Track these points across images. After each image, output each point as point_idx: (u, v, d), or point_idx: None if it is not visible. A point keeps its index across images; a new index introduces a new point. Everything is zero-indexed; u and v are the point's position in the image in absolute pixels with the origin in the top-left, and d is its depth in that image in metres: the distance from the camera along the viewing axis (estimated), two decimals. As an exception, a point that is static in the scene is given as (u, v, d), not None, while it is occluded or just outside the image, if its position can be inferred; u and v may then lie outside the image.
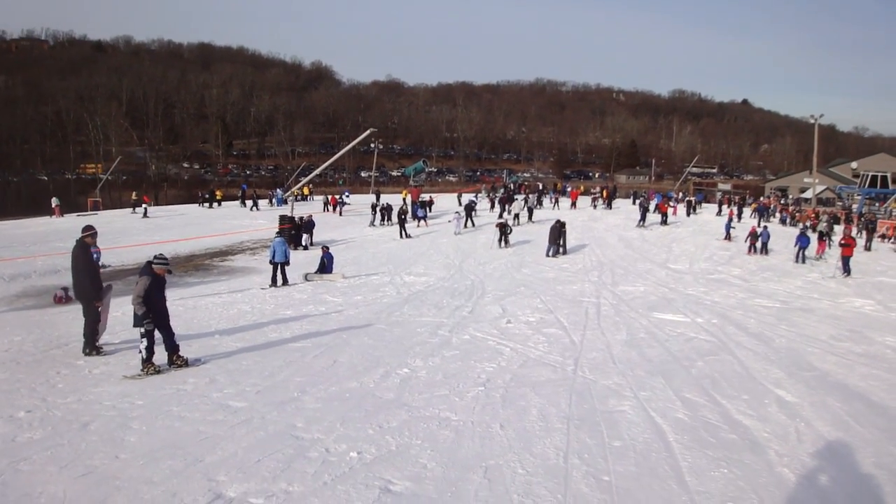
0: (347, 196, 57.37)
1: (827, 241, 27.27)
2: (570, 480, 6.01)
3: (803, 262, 26.08)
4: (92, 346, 10.68)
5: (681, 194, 60.26)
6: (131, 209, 50.47)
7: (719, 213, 45.70)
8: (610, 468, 6.28)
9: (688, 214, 44.81)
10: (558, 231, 26.35)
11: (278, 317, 14.22)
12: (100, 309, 10.88)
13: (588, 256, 25.99)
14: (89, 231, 11.15)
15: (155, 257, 9.91)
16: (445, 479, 5.98)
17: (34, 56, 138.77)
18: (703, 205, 53.10)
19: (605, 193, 52.43)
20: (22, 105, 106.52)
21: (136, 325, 9.44)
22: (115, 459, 6.31)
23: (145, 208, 48.41)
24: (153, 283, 9.53)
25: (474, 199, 46.85)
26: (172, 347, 9.82)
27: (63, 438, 6.84)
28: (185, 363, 9.81)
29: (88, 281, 10.78)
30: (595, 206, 49.63)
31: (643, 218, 37.69)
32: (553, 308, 15.42)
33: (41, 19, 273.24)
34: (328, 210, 49.87)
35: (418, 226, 38.75)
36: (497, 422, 7.51)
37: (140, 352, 9.48)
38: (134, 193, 56.03)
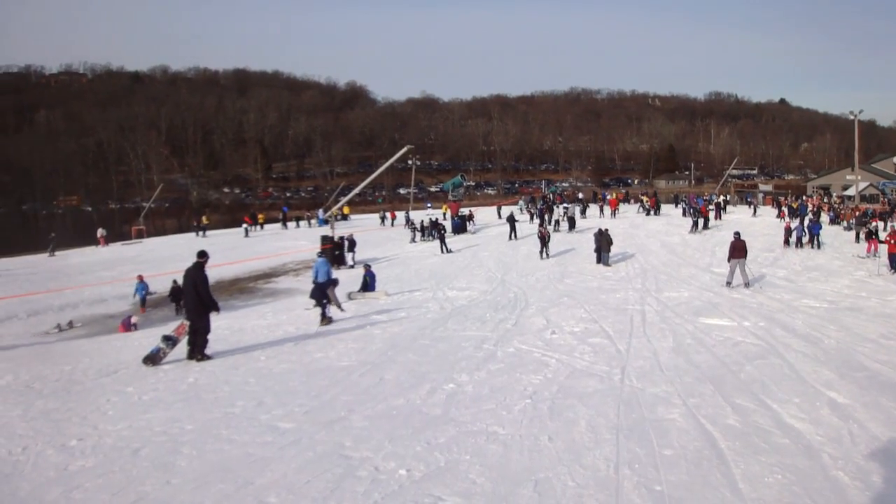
0: (430, 206, 60.47)
1: (877, 239, 26.73)
2: (621, 491, 5.97)
3: (818, 248, 29.31)
4: (202, 353, 12.38)
5: (712, 195, 59.15)
6: (201, 232, 52.54)
7: (779, 215, 44.33)
8: (662, 478, 6.23)
9: (718, 217, 43.96)
10: (606, 238, 26.18)
11: (323, 337, 14.31)
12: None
13: (631, 264, 25.81)
14: (204, 256, 12.82)
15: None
16: (495, 494, 5.97)
17: (73, 89, 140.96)
18: (760, 208, 51.50)
19: (651, 201, 51.89)
20: (63, 138, 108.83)
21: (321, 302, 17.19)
22: (166, 485, 6.38)
23: (246, 228, 51.08)
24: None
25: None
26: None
27: (114, 465, 6.92)
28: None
29: (205, 297, 12.38)
30: (648, 213, 49.46)
31: (696, 224, 37.18)
32: (597, 317, 15.34)
33: (78, 53, 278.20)
34: (384, 224, 53.93)
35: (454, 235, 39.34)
36: (545, 434, 7.48)
37: (325, 313, 16.84)
38: (205, 217, 59.00)
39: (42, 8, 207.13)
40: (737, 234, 21.23)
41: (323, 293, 17.32)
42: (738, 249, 20.18)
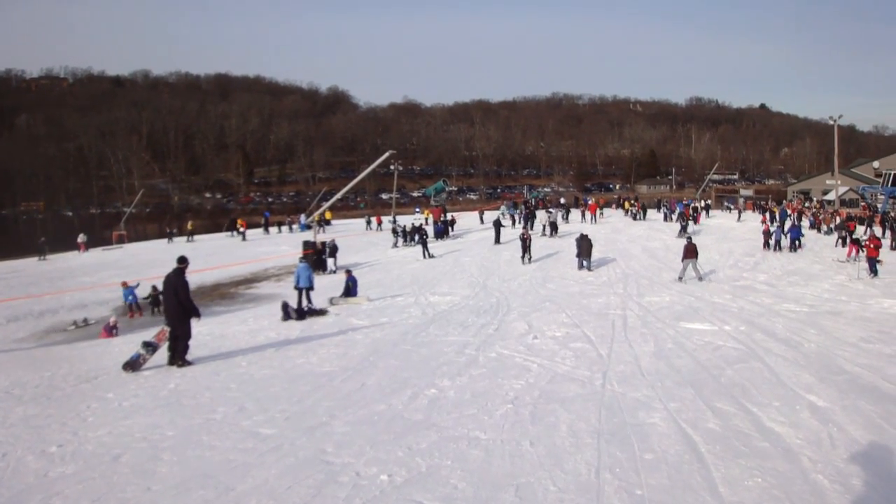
0: (418, 211, 62.96)
1: (858, 245, 26.84)
2: (602, 496, 5.96)
3: (795, 251, 29.99)
4: (183, 359, 12.30)
5: (690, 201, 59.72)
6: (188, 237, 53.45)
7: (762, 220, 44.64)
8: (642, 482, 6.23)
9: (695, 222, 44.20)
10: (587, 243, 26.19)
11: (305, 342, 14.27)
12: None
13: (612, 269, 25.87)
14: (184, 262, 12.62)
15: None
16: (477, 499, 5.95)
17: (54, 94, 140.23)
18: (744, 213, 51.91)
19: (637, 205, 52.54)
20: (44, 143, 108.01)
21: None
22: (146, 491, 6.32)
23: (243, 232, 51.39)
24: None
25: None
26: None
27: (95, 472, 6.85)
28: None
29: (185, 303, 12.32)
30: (635, 218, 49.66)
31: (683, 228, 37.54)
32: (579, 322, 15.35)
33: (59, 58, 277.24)
34: (370, 228, 54.46)
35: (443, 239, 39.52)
36: (527, 439, 7.47)
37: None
38: (190, 223, 58.87)
39: (23, 12, 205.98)
40: (689, 238, 26.18)
41: (302, 313, 18.77)
42: (689, 251, 23.48)
